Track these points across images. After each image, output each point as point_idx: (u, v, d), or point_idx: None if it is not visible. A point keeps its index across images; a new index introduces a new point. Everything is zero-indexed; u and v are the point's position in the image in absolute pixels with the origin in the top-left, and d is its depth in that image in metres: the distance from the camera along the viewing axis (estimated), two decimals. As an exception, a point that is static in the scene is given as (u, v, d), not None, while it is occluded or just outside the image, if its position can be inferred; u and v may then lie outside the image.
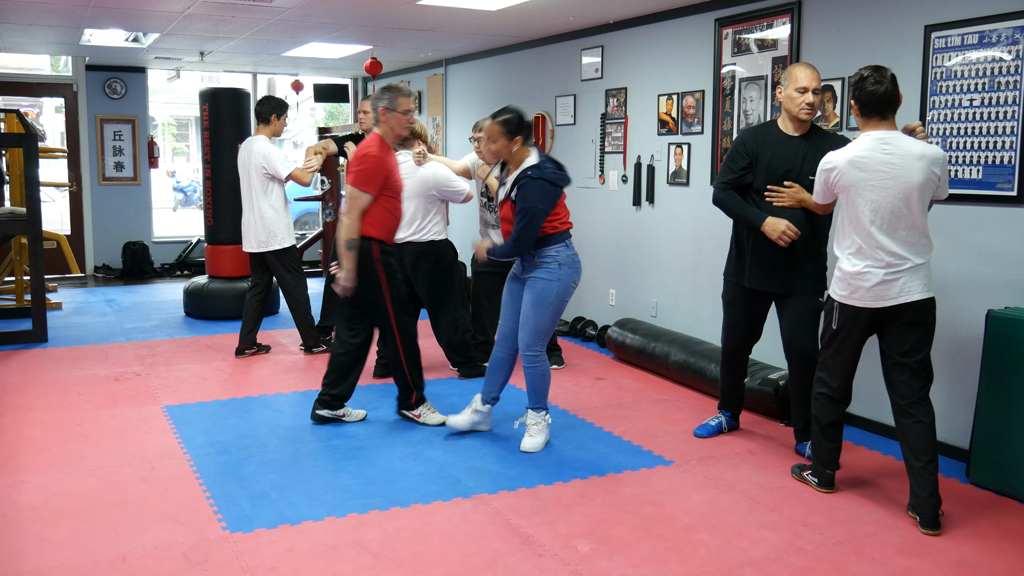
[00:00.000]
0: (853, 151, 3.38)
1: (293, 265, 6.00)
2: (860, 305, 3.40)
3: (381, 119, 4.29)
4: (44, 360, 5.91)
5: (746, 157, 3.98)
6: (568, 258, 4.08)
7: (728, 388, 4.39)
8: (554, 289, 4.04)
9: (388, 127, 4.30)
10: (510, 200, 4.02)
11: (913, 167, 3.29)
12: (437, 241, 5.26)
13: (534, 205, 3.92)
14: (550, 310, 4.07)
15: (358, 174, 4.22)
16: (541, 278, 4.05)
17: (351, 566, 2.97)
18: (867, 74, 3.36)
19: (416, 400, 4.53)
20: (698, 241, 5.67)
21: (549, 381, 4.24)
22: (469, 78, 8.45)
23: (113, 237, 10.11)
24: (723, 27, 5.35)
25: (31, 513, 3.38)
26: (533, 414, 4.25)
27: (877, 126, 3.37)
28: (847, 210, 3.41)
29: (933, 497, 3.29)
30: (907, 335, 3.38)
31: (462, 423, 4.39)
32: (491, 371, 4.36)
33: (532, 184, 3.93)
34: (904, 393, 3.39)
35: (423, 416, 4.53)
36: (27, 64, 10.48)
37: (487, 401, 4.38)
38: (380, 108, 4.27)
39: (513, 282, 4.27)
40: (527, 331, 4.10)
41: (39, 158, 6.51)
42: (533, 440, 4.20)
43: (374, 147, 4.26)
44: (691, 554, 3.09)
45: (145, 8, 6.10)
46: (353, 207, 4.21)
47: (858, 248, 3.38)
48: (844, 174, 3.37)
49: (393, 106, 4.25)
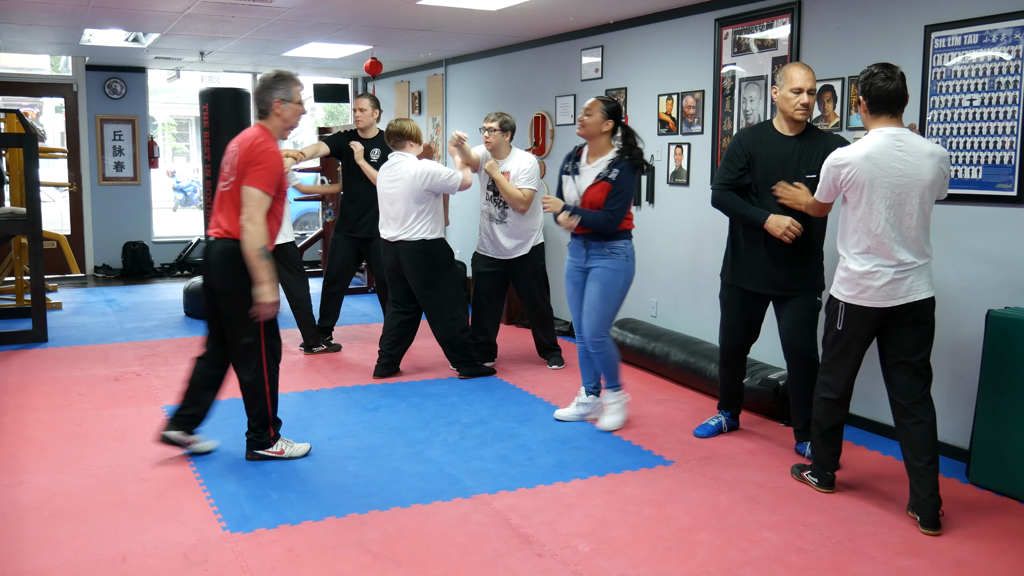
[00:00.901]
0: (867, 147, 3.32)
1: (294, 264, 6.01)
2: (869, 305, 3.36)
3: (275, 111, 3.82)
4: (44, 360, 5.91)
5: (743, 157, 3.98)
6: (632, 251, 4.40)
7: (727, 388, 4.39)
8: (621, 279, 4.35)
9: (282, 119, 3.85)
10: (605, 181, 4.26)
11: (925, 165, 3.28)
12: (429, 240, 5.25)
13: (630, 186, 4.28)
14: (616, 298, 4.37)
15: (261, 174, 3.69)
16: (610, 268, 4.33)
17: (351, 566, 2.97)
18: (877, 71, 3.33)
19: (274, 436, 3.99)
20: (698, 241, 5.67)
21: (619, 360, 4.51)
22: (469, 78, 8.45)
23: (113, 237, 10.11)
24: (723, 27, 5.35)
25: (31, 513, 3.38)
26: (610, 394, 4.51)
27: (887, 123, 3.34)
28: (856, 209, 3.36)
29: (934, 497, 3.29)
30: (912, 334, 3.37)
31: (568, 415, 4.60)
32: (581, 365, 4.59)
33: (631, 169, 4.29)
34: (906, 393, 3.39)
35: (287, 451, 4.00)
36: (27, 64, 10.48)
37: (591, 392, 4.58)
38: (275, 99, 3.81)
39: (576, 275, 4.47)
40: (594, 319, 4.37)
41: (39, 158, 6.51)
42: (612, 419, 4.47)
43: (271, 143, 3.79)
44: (691, 554, 3.09)
45: (145, 8, 6.10)
46: (258, 211, 3.68)
47: (867, 247, 3.34)
48: (859, 171, 3.31)
49: (288, 96, 3.83)
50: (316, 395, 5.12)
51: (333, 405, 4.90)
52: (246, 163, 3.71)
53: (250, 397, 3.91)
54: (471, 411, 4.78)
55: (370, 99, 6.15)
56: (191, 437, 4.01)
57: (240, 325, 3.80)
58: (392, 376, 5.53)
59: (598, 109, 4.30)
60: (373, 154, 6.06)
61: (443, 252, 5.34)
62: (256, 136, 3.79)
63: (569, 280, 4.50)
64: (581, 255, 4.42)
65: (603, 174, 4.27)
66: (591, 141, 4.37)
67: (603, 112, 4.29)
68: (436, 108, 9.04)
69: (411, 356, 5.91)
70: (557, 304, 7.02)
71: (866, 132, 3.41)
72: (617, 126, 4.35)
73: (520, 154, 5.52)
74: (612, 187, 4.23)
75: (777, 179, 3.90)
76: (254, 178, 3.68)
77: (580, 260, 4.43)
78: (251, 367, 3.85)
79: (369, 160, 6.01)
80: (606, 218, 4.25)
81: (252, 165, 3.69)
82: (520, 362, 5.92)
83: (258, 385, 3.88)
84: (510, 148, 5.52)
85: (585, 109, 4.33)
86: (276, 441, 4.00)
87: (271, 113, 3.84)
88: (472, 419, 4.65)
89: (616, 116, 4.33)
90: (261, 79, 3.88)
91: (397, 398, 5.05)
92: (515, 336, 6.75)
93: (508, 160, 5.47)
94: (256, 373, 3.86)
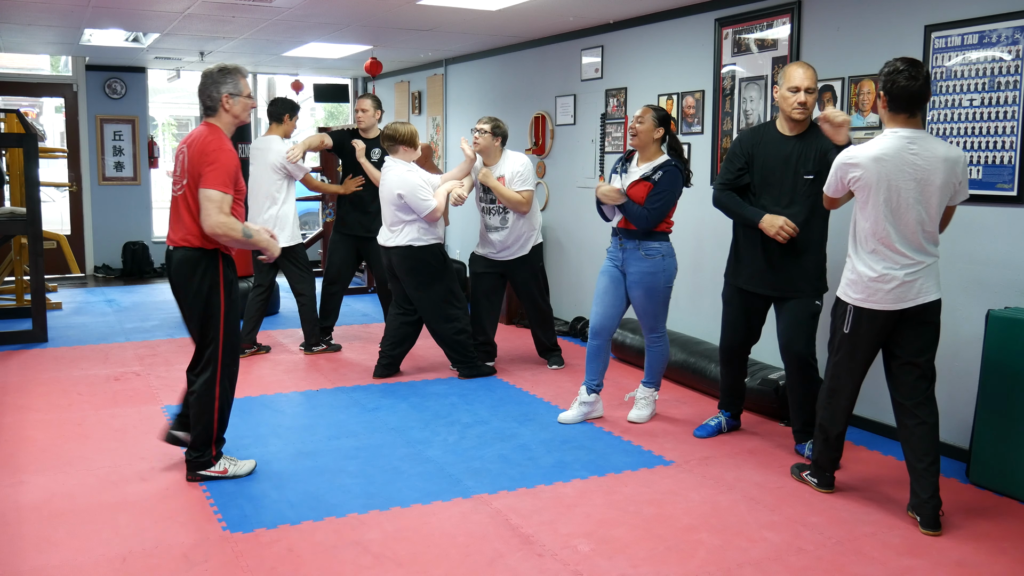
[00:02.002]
0: (878, 148, 3.25)
1: (302, 263, 6.02)
2: (879, 308, 3.32)
3: (224, 107, 3.62)
4: (44, 360, 5.91)
5: (742, 158, 4.01)
6: (668, 249, 4.48)
7: (727, 388, 4.39)
8: (662, 279, 4.44)
9: (232, 115, 3.66)
10: (648, 181, 4.35)
11: (937, 169, 3.22)
12: (416, 247, 5.22)
13: (673, 189, 4.36)
14: (662, 297, 4.49)
15: (217, 174, 3.49)
16: (648, 272, 4.42)
17: (351, 566, 2.97)
18: (902, 67, 3.20)
19: (216, 455, 3.77)
20: (698, 241, 5.67)
21: (667, 362, 4.68)
22: (469, 78, 8.45)
23: (113, 237, 10.11)
24: (723, 27, 5.35)
25: (31, 513, 3.38)
26: (644, 389, 4.66)
27: (905, 123, 3.26)
28: (863, 208, 3.31)
29: (935, 498, 3.29)
30: (920, 336, 3.35)
31: (572, 417, 4.60)
32: (589, 361, 4.61)
33: (676, 172, 4.37)
34: (910, 394, 3.37)
35: (231, 469, 3.77)
36: (27, 64, 10.48)
37: (592, 390, 4.61)
38: (223, 95, 3.61)
39: (613, 271, 4.54)
40: (648, 320, 4.53)
41: (39, 158, 6.51)
42: (640, 412, 4.62)
43: (223, 140, 3.59)
44: (691, 554, 3.09)
45: (145, 8, 6.10)
46: (220, 212, 3.49)
47: (875, 250, 3.30)
48: (867, 171, 3.25)
49: (237, 90, 3.63)
50: (316, 395, 5.12)
51: (333, 405, 4.90)
52: (198, 164, 3.52)
53: (197, 410, 3.67)
54: (471, 411, 4.78)
55: (372, 100, 6.15)
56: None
57: (203, 333, 3.64)
58: (392, 376, 5.53)
59: (650, 117, 4.39)
60: (374, 154, 6.06)
61: (433, 257, 5.29)
62: (206, 135, 3.58)
63: (604, 274, 4.56)
64: (618, 256, 4.51)
65: (647, 175, 4.37)
66: (642, 149, 4.45)
67: (655, 120, 4.38)
68: (436, 108, 9.03)
69: (411, 356, 5.91)
70: (557, 304, 7.02)
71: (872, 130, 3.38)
72: (667, 134, 4.44)
73: (512, 156, 5.47)
74: (654, 187, 4.32)
75: (775, 179, 3.91)
76: (209, 179, 3.49)
77: (617, 260, 4.52)
78: (204, 377, 3.65)
79: (370, 160, 6.01)
80: (644, 213, 4.33)
81: (206, 166, 3.50)
82: (520, 362, 5.91)
83: (208, 398, 3.65)
84: (501, 152, 5.47)
85: (637, 117, 4.41)
86: (218, 460, 3.76)
87: (220, 109, 3.64)
88: (472, 419, 4.65)
89: (666, 124, 4.43)
90: (204, 74, 3.66)
91: (397, 398, 5.05)
92: (515, 336, 6.74)
93: (500, 164, 5.44)
94: (207, 385, 3.64)
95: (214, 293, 3.60)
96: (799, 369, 3.95)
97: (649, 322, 4.53)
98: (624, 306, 4.55)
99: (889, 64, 3.26)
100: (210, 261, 3.60)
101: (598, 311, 4.55)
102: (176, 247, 3.63)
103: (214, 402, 3.67)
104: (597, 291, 4.57)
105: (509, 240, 5.49)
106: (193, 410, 3.70)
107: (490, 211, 5.53)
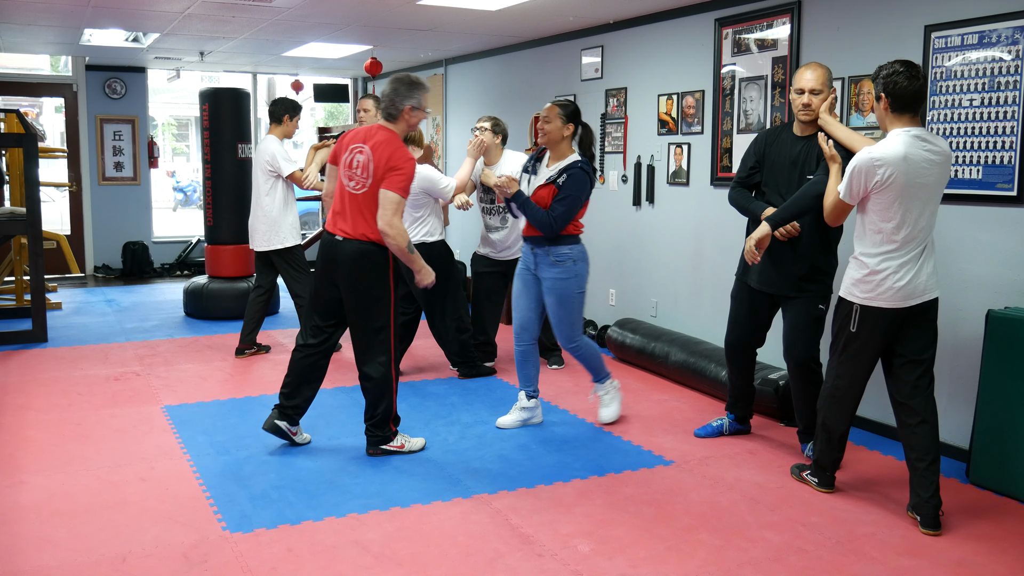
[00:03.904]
0: (902, 147, 3.22)
1: (298, 264, 6.01)
2: (886, 306, 3.33)
3: (405, 116, 3.95)
4: (44, 360, 5.91)
5: (754, 157, 4.07)
6: (580, 253, 4.33)
7: (732, 388, 4.38)
8: (573, 285, 4.31)
9: (407, 125, 4.00)
10: (553, 185, 4.22)
11: (946, 164, 3.29)
12: (428, 243, 5.25)
13: (578, 193, 4.21)
14: (575, 304, 4.36)
15: (400, 179, 3.82)
16: (560, 278, 4.29)
17: (351, 566, 2.97)
18: (901, 69, 3.24)
19: (395, 432, 4.10)
20: (698, 241, 5.67)
21: (599, 354, 4.54)
22: (469, 78, 8.45)
23: (113, 237, 10.11)
24: (723, 27, 5.35)
25: (31, 513, 3.38)
26: (600, 386, 4.57)
27: (910, 123, 3.28)
28: (884, 209, 3.28)
29: (935, 498, 3.29)
30: (923, 333, 3.37)
31: (511, 422, 4.50)
32: (520, 366, 4.54)
33: (582, 175, 4.23)
34: (911, 392, 3.37)
35: (406, 444, 4.10)
36: (27, 64, 10.47)
37: (531, 396, 4.53)
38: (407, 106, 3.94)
39: (526, 275, 4.44)
40: (563, 328, 4.39)
41: (39, 158, 6.50)
42: (608, 410, 4.56)
43: (406, 148, 3.93)
44: (691, 554, 3.09)
45: (145, 8, 6.10)
46: (397, 214, 3.84)
47: (885, 249, 3.30)
48: (897, 170, 3.20)
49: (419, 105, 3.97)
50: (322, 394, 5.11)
51: (333, 405, 4.90)
52: (387, 168, 3.81)
53: (376, 394, 3.98)
54: (471, 411, 4.78)
55: (374, 100, 6.16)
56: (296, 430, 4.14)
57: (370, 323, 3.92)
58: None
59: (556, 114, 4.25)
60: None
61: (441, 254, 5.32)
62: (391, 141, 3.87)
63: (518, 278, 4.47)
64: (530, 260, 4.39)
65: (552, 178, 4.24)
66: (552, 147, 4.33)
67: (562, 117, 4.25)
68: (436, 108, 9.03)
69: (411, 356, 5.91)
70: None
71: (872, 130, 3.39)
72: (578, 128, 4.31)
73: (512, 155, 5.47)
74: (558, 191, 4.19)
75: (780, 180, 3.93)
76: (393, 183, 3.80)
77: (530, 264, 4.40)
78: (379, 361, 3.94)
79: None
80: (547, 220, 4.19)
81: (394, 171, 3.80)
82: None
83: (386, 381, 3.96)
84: (502, 151, 5.48)
85: (543, 117, 4.28)
86: (396, 436, 4.10)
87: (400, 118, 3.93)
88: (472, 419, 4.65)
89: (576, 119, 4.30)
90: (394, 80, 3.98)
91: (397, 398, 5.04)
92: (515, 336, 6.74)
93: (501, 163, 5.44)
94: (384, 368, 3.95)
95: (386, 282, 3.93)
96: (801, 373, 3.95)
97: (565, 331, 4.38)
98: (542, 308, 4.44)
99: (886, 67, 3.29)
100: (384, 255, 3.93)
101: (516, 315, 4.49)
102: (349, 239, 3.89)
103: (392, 383, 3.99)
104: (513, 295, 4.51)
105: (510, 239, 5.50)
106: (371, 395, 3.99)
107: (490, 211, 5.54)
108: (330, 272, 3.96)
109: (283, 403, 4.08)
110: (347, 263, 3.88)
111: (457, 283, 5.39)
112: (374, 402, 4.00)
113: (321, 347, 4.05)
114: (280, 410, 4.08)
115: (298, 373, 4.05)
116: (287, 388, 4.07)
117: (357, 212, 3.87)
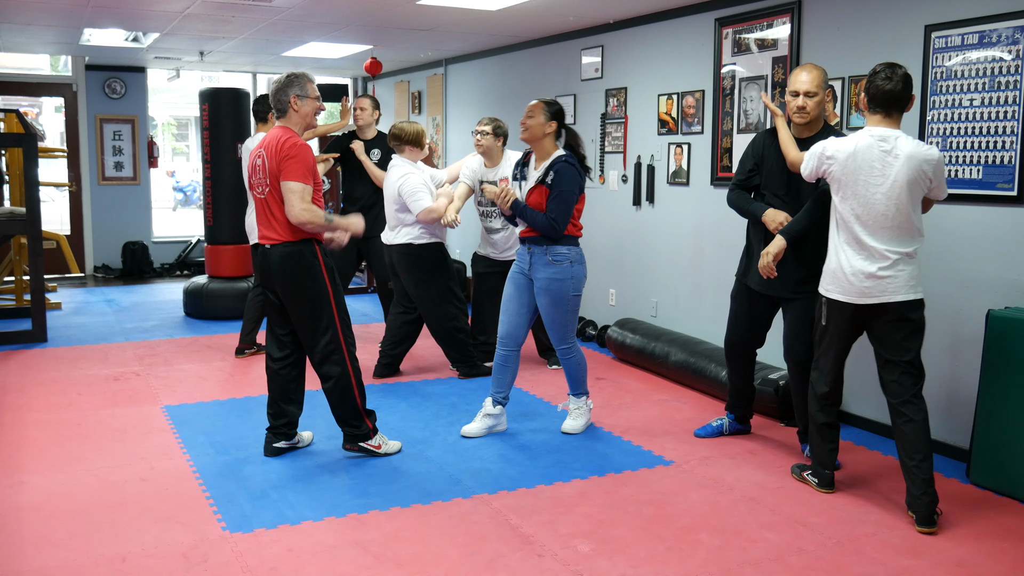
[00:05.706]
0: (851, 144, 3.38)
1: None
2: (845, 300, 3.43)
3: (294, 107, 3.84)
4: (44, 360, 5.91)
5: (752, 159, 4.07)
6: (577, 254, 4.26)
7: (731, 388, 4.38)
8: (569, 287, 4.23)
9: (300, 116, 3.88)
10: (543, 185, 4.15)
11: (904, 166, 3.30)
12: (416, 244, 5.25)
13: (570, 187, 4.13)
14: (569, 306, 4.28)
15: (296, 166, 3.73)
16: (556, 279, 4.20)
17: (351, 566, 2.97)
18: (880, 69, 3.35)
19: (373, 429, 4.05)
20: (698, 241, 5.67)
21: (586, 369, 4.47)
22: (469, 78, 8.45)
23: (113, 237, 10.11)
24: (723, 27, 5.35)
25: (31, 513, 3.38)
26: (575, 399, 4.49)
27: (879, 123, 3.37)
28: (840, 204, 3.43)
29: (927, 495, 3.29)
30: (894, 333, 3.39)
31: (476, 430, 4.38)
32: (497, 371, 4.41)
33: (568, 169, 4.15)
34: (895, 392, 3.41)
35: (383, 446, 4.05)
36: (27, 64, 10.47)
37: (498, 402, 4.42)
38: (291, 96, 3.81)
39: (519, 279, 4.34)
40: (556, 330, 4.32)
41: (39, 158, 6.50)
42: (574, 422, 4.45)
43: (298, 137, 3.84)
44: (691, 554, 3.09)
45: (145, 8, 6.09)
46: (303, 201, 3.73)
47: (844, 244, 3.43)
48: (840, 165, 3.39)
49: (304, 92, 3.84)
50: (316, 395, 5.09)
51: (333, 405, 4.89)
52: (278, 161, 3.75)
53: (338, 395, 3.92)
54: (471, 411, 4.78)
55: (370, 99, 6.16)
56: (296, 439, 4.12)
57: (315, 324, 3.86)
58: (392, 376, 5.53)
59: (540, 111, 4.20)
60: (372, 155, 6.06)
61: (433, 256, 5.30)
62: (280, 135, 3.81)
63: (511, 282, 4.37)
64: (525, 261, 4.29)
65: (541, 178, 4.17)
66: (535, 145, 4.25)
67: (545, 114, 4.20)
68: (436, 108, 9.03)
69: (411, 356, 5.91)
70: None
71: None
72: (561, 128, 4.26)
73: (513, 157, 5.44)
74: (550, 191, 4.13)
75: (776, 182, 3.94)
76: (290, 172, 3.73)
77: (524, 266, 4.30)
78: (333, 361, 3.88)
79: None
80: (547, 223, 4.12)
81: (285, 160, 3.74)
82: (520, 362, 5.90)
83: (344, 380, 3.90)
84: (503, 153, 5.49)
85: (527, 111, 4.22)
86: (375, 434, 4.03)
87: (289, 110, 3.85)
88: (472, 419, 4.64)
89: (559, 118, 4.24)
90: (274, 82, 3.89)
91: (397, 398, 5.05)
92: (515, 336, 6.73)
93: (502, 165, 5.44)
94: (340, 367, 3.89)
95: (320, 280, 3.85)
96: (801, 373, 3.95)
97: (558, 332, 4.31)
98: (532, 314, 4.36)
99: (873, 68, 3.40)
100: (310, 251, 3.83)
101: (504, 319, 4.37)
102: (273, 244, 3.84)
103: (351, 378, 3.92)
104: (503, 299, 4.41)
105: (511, 240, 5.50)
106: (334, 395, 3.93)
107: (489, 215, 5.55)
108: (267, 281, 3.91)
109: (273, 424, 4.04)
110: (277, 268, 3.82)
111: (447, 285, 5.37)
112: (339, 400, 3.94)
113: (289, 359, 4.00)
114: (273, 432, 4.04)
115: (276, 391, 4.01)
116: (271, 408, 4.03)
117: (270, 215, 3.82)
